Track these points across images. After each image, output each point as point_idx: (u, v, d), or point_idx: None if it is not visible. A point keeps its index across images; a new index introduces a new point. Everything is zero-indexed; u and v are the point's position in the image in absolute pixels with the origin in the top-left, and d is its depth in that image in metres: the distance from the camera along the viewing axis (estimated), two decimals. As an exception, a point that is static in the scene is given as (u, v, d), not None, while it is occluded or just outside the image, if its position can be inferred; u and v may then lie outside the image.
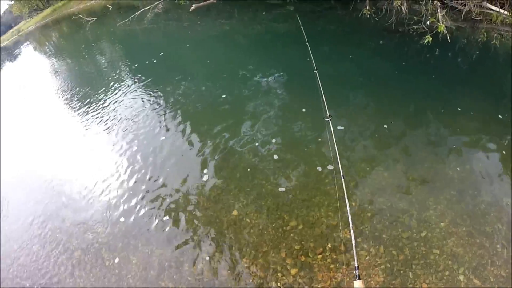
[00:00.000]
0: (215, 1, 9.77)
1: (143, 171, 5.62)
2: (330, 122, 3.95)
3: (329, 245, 3.93)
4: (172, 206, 4.89)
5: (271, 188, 4.75)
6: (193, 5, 9.85)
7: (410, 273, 3.62)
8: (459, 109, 5.74)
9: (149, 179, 5.42)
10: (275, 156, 5.26)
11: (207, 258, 4.09)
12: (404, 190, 4.44)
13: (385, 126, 5.50)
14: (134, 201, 5.12)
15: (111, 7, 20.49)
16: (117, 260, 4.40)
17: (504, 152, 4.96)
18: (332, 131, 3.82)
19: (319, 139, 5.41)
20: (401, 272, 3.63)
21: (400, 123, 5.59)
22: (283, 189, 4.70)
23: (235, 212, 4.53)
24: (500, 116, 5.50)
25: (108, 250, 4.55)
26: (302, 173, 4.91)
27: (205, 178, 5.15)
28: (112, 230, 4.80)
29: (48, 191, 6.06)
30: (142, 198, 5.12)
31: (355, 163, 4.91)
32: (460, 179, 4.52)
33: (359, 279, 2.42)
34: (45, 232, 5.26)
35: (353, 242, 2.76)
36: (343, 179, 3.31)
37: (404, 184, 4.52)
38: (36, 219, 5.55)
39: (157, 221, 4.74)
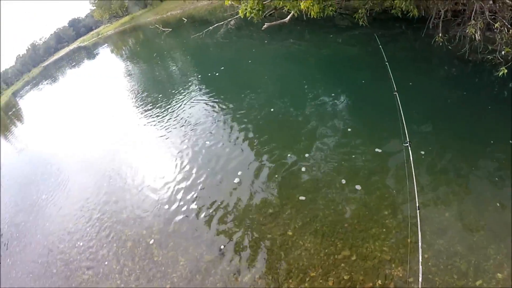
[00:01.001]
0: (287, 22, 10.07)
1: (202, 177, 5.94)
2: (409, 148, 3.68)
3: (379, 281, 3.87)
4: (228, 216, 5.08)
5: (329, 213, 4.75)
6: (266, 23, 10.24)
7: None
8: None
9: (208, 186, 5.69)
10: (341, 181, 5.21)
11: (254, 272, 4.18)
12: (466, 234, 4.24)
13: (449, 165, 5.27)
14: (190, 204, 5.40)
15: (186, 20, 21.68)
16: (165, 258, 4.61)
17: None
18: (411, 158, 3.58)
19: (387, 168, 5.25)
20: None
21: (464, 160, 5.33)
22: (341, 216, 4.68)
23: (289, 232, 4.62)
24: None
25: (159, 247, 4.79)
26: (361, 202, 4.83)
27: (264, 194, 5.29)
28: (166, 228, 5.06)
29: (112, 182, 6.68)
30: (199, 203, 5.38)
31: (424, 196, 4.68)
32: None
33: None
34: (102, 217, 5.76)
35: (420, 279, 2.70)
36: (418, 211, 3.11)
37: (467, 228, 4.32)
38: (97, 205, 6.12)
39: (211, 228, 4.93)
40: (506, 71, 6.45)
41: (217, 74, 10.88)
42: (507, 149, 5.45)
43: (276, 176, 5.62)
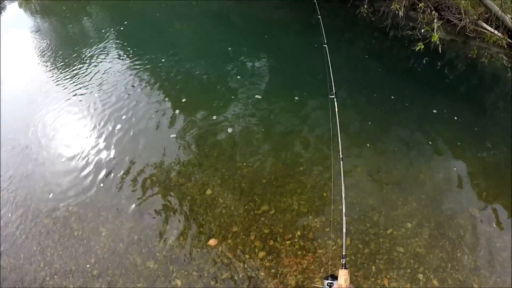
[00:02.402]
0: None
1: (116, 142, 5.47)
2: (335, 100, 3.50)
3: (298, 233, 3.99)
4: (145, 180, 4.80)
5: (247, 170, 4.74)
6: None
7: (373, 267, 3.73)
8: (439, 116, 5.88)
9: (123, 151, 5.29)
10: (260, 138, 5.27)
11: (177, 234, 4.08)
12: (377, 187, 4.54)
13: (369, 122, 5.60)
14: (106, 172, 4.99)
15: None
16: (86, 230, 4.32)
17: (477, 164, 5.15)
18: (337, 110, 3.40)
19: (303, 124, 5.48)
20: (365, 265, 3.74)
21: (379, 123, 5.68)
22: (259, 173, 4.70)
23: (208, 191, 4.51)
24: (476, 129, 5.71)
25: (78, 220, 4.45)
26: (279, 158, 4.93)
27: (181, 154, 5.09)
28: (83, 200, 4.69)
29: (18, 155, 5.80)
30: (115, 170, 5.00)
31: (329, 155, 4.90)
32: (431, 184, 4.66)
33: (345, 268, 2.32)
34: (13, 197, 5.05)
35: (344, 230, 2.71)
36: (341, 162, 3.05)
37: (378, 182, 4.62)
38: (4, 183, 5.32)
39: (129, 194, 4.66)
40: (423, 46, 6.85)
41: (130, 28, 9.78)
42: (422, 114, 5.91)
43: (193, 135, 5.41)
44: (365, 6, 7.94)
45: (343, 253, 2.49)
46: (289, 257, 3.79)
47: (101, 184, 4.82)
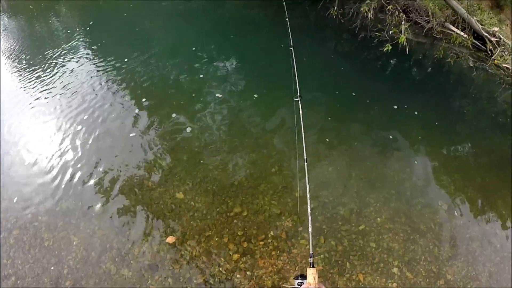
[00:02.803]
0: None
1: (86, 147, 5.28)
2: (300, 102, 3.60)
3: (272, 233, 3.97)
4: (116, 185, 4.67)
5: (218, 173, 4.70)
6: None
7: (348, 263, 3.77)
8: (406, 115, 6.06)
9: (92, 156, 5.11)
10: (231, 140, 5.24)
11: (150, 240, 3.98)
12: (347, 185, 4.60)
13: (335, 122, 5.68)
14: (76, 179, 4.81)
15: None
16: (57, 240, 4.16)
17: (442, 160, 5.33)
18: (301, 113, 3.52)
19: (270, 126, 5.50)
20: (339, 262, 3.77)
21: (344, 122, 5.78)
22: (230, 175, 4.67)
23: (180, 195, 4.43)
24: (437, 123, 5.98)
25: (48, 230, 4.29)
26: (249, 160, 4.92)
27: (150, 158, 4.97)
28: (53, 208, 4.51)
29: None
30: (85, 176, 4.83)
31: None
32: (400, 180, 4.79)
33: (313, 267, 2.36)
34: None
35: (310, 229, 2.71)
36: (306, 163, 3.11)
37: (347, 180, 4.70)
38: None
39: (100, 200, 4.52)
40: (390, 47, 7.01)
41: (97, 28, 9.45)
42: (389, 112, 6.03)
43: (163, 138, 5.31)
44: (335, 8, 8.06)
45: (310, 252, 2.54)
46: (264, 258, 3.77)
47: (70, 193, 4.64)
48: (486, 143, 5.94)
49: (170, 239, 3.97)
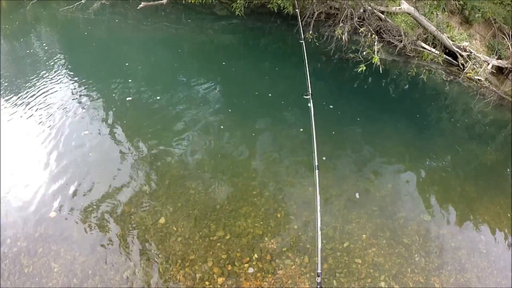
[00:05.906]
0: (164, 3, 9.66)
1: (65, 171, 5.16)
2: (311, 99, 3.76)
3: (256, 255, 3.91)
4: (96, 211, 4.56)
5: (199, 197, 4.66)
6: (142, 2, 9.64)
7: (334, 281, 3.73)
8: (384, 132, 6.24)
9: (71, 181, 4.99)
10: (207, 165, 5.22)
11: (133, 266, 3.88)
12: (328, 204, 4.62)
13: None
14: (55, 204, 4.67)
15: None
16: (37, 266, 4.01)
17: (421, 173, 5.45)
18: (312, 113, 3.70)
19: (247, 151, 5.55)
20: (326, 280, 3.72)
21: (329, 142, 5.82)
22: (212, 198, 4.65)
23: (162, 220, 4.35)
24: (419, 142, 6.17)
25: (28, 256, 4.14)
26: (230, 183, 4.92)
27: (132, 183, 4.90)
28: (32, 234, 4.37)
29: None
30: (64, 201, 4.71)
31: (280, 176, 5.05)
32: (381, 197, 4.84)
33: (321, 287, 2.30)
34: None
35: (319, 246, 2.78)
36: (316, 171, 3.29)
37: (328, 199, 4.72)
38: None
39: (80, 226, 4.40)
40: (365, 67, 7.24)
41: (91, 54, 9.63)
42: (366, 130, 6.21)
43: (144, 163, 5.25)
44: (310, 32, 8.33)
45: (318, 271, 2.59)
46: (249, 280, 3.70)
47: (49, 218, 4.49)
48: (463, 153, 6.12)
49: (153, 264, 3.88)
